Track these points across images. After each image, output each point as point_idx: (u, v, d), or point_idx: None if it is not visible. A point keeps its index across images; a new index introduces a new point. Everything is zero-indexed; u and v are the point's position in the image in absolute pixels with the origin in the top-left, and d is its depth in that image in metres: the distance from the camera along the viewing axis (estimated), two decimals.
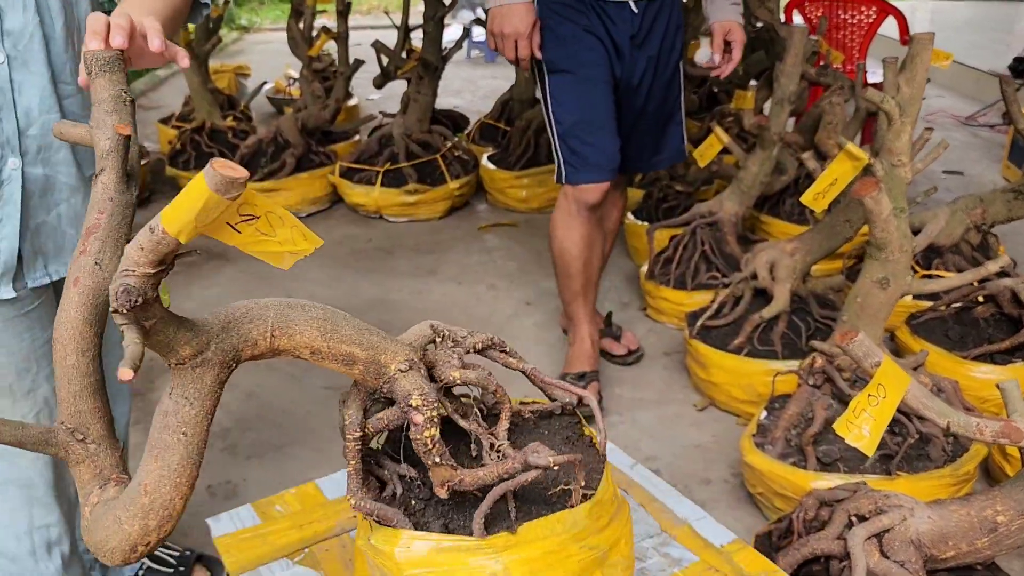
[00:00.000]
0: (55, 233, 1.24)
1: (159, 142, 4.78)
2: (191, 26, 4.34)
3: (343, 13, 3.95)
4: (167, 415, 0.74)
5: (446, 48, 3.86)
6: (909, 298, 2.65)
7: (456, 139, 4.04)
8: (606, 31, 2.17)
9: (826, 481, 1.75)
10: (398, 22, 3.89)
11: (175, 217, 0.56)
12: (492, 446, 0.93)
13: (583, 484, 0.92)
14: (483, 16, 4.10)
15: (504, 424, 0.96)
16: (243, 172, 0.58)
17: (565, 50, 2.15)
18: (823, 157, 2.84)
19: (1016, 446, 1.28)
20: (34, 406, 1.26)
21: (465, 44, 7.74)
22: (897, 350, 2.45)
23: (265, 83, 5.36)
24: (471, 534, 0.88)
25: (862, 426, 1.25)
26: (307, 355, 0.80)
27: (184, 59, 1.01)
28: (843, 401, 1.87)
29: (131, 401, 1.64)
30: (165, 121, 4.71)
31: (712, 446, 2.22)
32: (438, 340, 0.97)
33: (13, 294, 1.19)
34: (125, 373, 0.64)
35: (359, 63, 4.03)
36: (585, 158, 2.18)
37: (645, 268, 2.86)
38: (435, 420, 0.86)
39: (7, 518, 1.29)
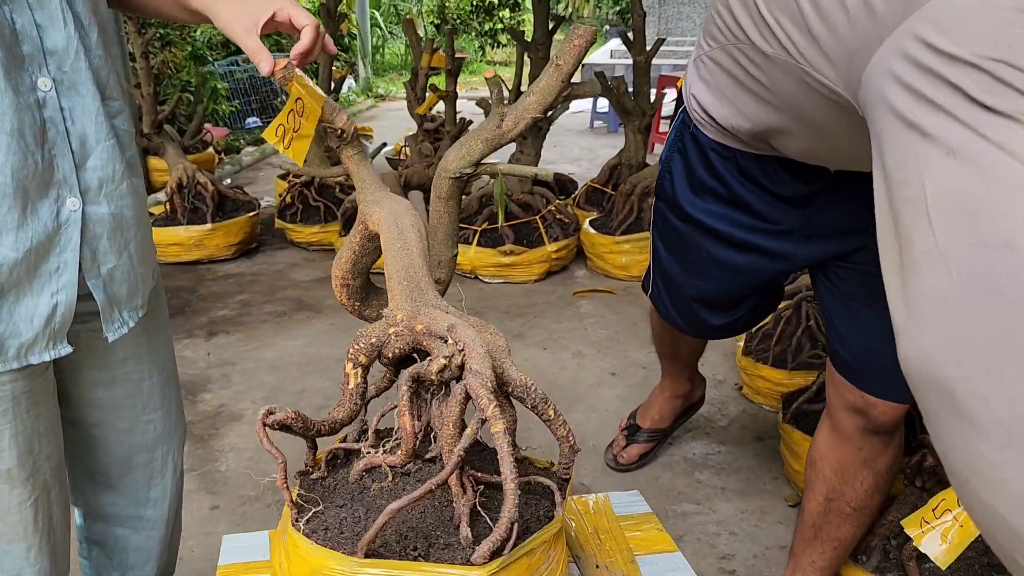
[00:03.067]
0: (129, 276, 1.13)
1: (275, 196, 4.93)
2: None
3: (452, 73, 3.96)
4: None
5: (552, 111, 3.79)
6: None
7: (559, 200, 3.93)
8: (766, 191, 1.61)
9: None
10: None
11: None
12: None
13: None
14: (596, 80, 4.02)
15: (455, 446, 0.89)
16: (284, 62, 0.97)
17: None
18: None
19: None
20: (33, 491, 1.10)
21: (589, 114, 7.73)
22: None
23: (384, 144, 5.47)
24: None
25: (939, 529, 0.99)
26: None
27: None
28: None
29: (178, 484, 1.41)
30: (283, 176, 4.86)
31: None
32: (450, 343, 0.90)
33: (70, 349, 1.07)
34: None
35: (465, 123, 4.01)
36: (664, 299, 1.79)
37: (742, 343, 2.61)
38: (353, 359, 0.95)
39: None
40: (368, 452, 1.02)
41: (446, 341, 0.94)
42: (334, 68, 4.56)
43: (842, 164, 1.24)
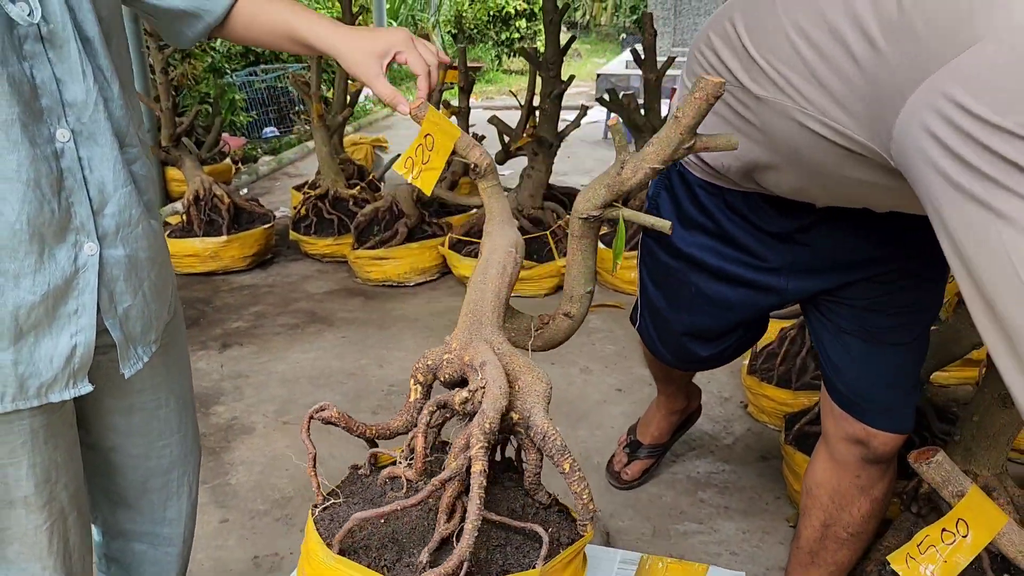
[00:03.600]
0: (143, 313, 1.17)
1: (290, 207, 4.99)
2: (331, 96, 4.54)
3: (465, 90, 4.01)
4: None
5: (564, 126, 3.83)
6: None
7: (569, 215, 3.96)
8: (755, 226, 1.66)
9: None
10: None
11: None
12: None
13: None
14: (607, 96, 4.05)
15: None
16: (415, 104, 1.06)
17: None
18: None
19: None
20: (49, 517, 1.14)
21: (602, 124, 7.75)
22: None
23: (398, 155, 5.53)
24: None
25: (926, 565, 1.02)
26: None
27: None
28: None
29: (193, 504, 1.44)
30: (299, 188, 4.92)
31: None
32: (479, 379, 0.98)
33: (90, 388, 1.11)
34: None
35: (478, 138, 4.05)
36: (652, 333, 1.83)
37: (747, 362, 2.63)
38: (414, 376, 1.04)
39: None
40: (400, 463, 1.08)
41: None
42: (350, 81, 4.61)
43: (831, 201, 1.26)
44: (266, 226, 4.11)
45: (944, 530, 1.05)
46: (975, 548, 1.03)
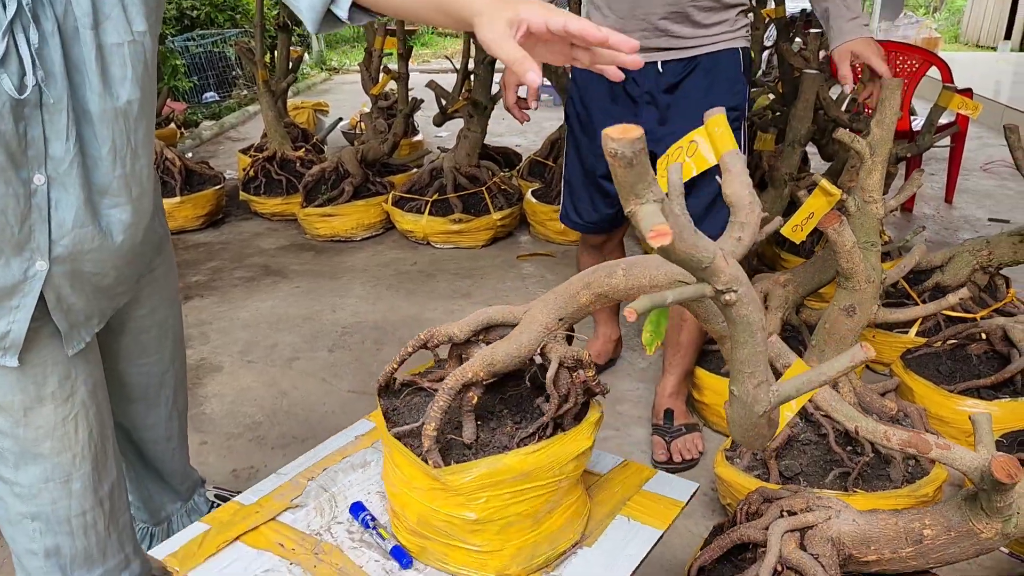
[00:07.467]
0: (86, 309, 1.38)
1: (237, 169, 5.19)
2: (275, 62, 4.73)
3: (403, 56, 4.27)
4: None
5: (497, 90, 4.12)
6: (912, 333, 2.72)
7: (504, 173, 4.28)
8: (624, 91, 2.18)
9: None
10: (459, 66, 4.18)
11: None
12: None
13: None
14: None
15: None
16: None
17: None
18: None
19: (924, 457, 1.39)
20: (72, 408, 1.39)
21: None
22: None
23: (340, 119, 5.75)
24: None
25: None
26: None
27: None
28: (807, 419, 1.98)
29: (170, 412, 1.76)
30: (245, 151, 5.12)
31: (700, 462, 2.34)
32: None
33: (16, 364, 1.32)
34: None
35: (416, 102, 4.33)
36: (572, 208, 2.45)
37: None
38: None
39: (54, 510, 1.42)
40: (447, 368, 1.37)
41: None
42: (292, 48, 4.82)
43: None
44: (217, 187, 4.33)
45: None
46: (798, 403, 1.40)
